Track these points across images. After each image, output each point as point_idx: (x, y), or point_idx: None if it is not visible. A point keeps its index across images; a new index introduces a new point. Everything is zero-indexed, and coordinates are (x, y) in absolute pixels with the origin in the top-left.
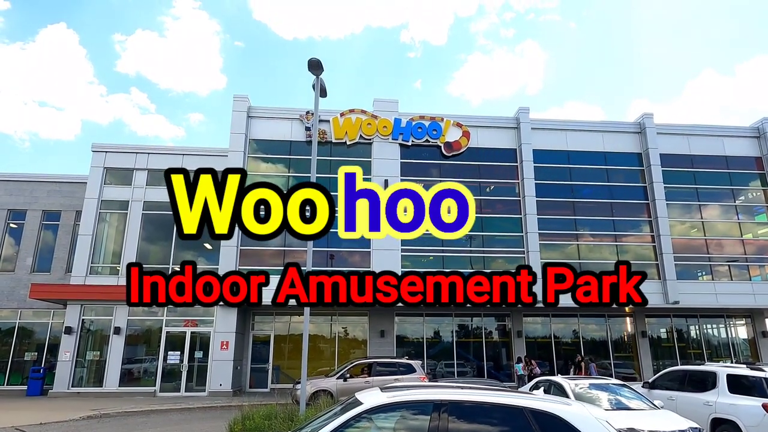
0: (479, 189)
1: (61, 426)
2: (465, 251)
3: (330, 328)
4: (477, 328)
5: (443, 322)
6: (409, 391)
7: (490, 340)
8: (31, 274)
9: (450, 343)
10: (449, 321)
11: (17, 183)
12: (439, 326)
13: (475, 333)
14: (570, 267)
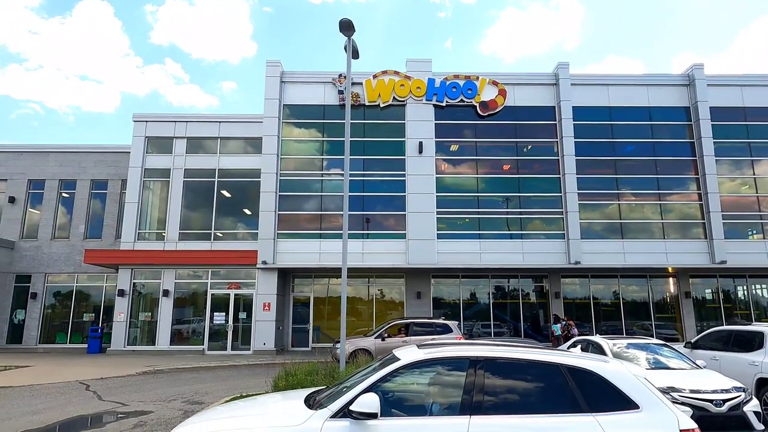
0: (516, 149)
1: (119, 380)
2: (501, 213)
3: (367, 291)
4: (514, 290)
5: (479, 283)
6: (445, 348)
7: (527, 302)
8: (84, 240)
9: (486, 304)
10: (485, 283)
11: (66, 154)
12: (476, 288)
13: (512, 294)
14: None
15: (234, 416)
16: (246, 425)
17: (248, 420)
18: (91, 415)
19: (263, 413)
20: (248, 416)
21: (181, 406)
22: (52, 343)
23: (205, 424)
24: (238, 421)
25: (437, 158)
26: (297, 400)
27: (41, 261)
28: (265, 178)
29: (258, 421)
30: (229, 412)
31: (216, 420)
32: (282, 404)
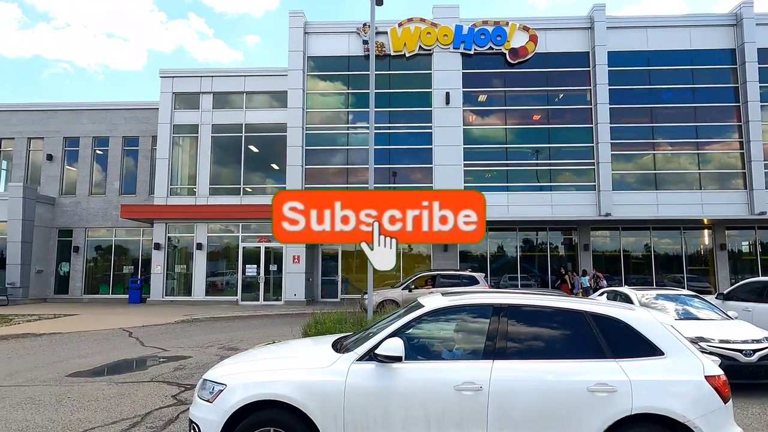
0: (547, 98)
1: (159, 328)
2: (530, 164)
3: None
4: (541, 243)
5: (507, 236)
6: (469, 295)
7: (555, 254)
8: (119, 196)
9: (513, 257)
10: (513, 236)
11: (98, 111)
12: (503, 241)
13: (540, 247)
14: None
15: (267, 357)
16: (278, 365)
17: (280, 361)
18: (134, 359)
19: (294, 355)
20: (280, 357)
21: (217, 351)
22: (96, 293)
23: (242, 364)
24: (271, 361)
25: (464, 109)
26: (325, 344)
27: (81, 216)
28: (291, 132)
29: (289, 362)
30: (262, 354)
31: (251, 361)
32: (311, 348)
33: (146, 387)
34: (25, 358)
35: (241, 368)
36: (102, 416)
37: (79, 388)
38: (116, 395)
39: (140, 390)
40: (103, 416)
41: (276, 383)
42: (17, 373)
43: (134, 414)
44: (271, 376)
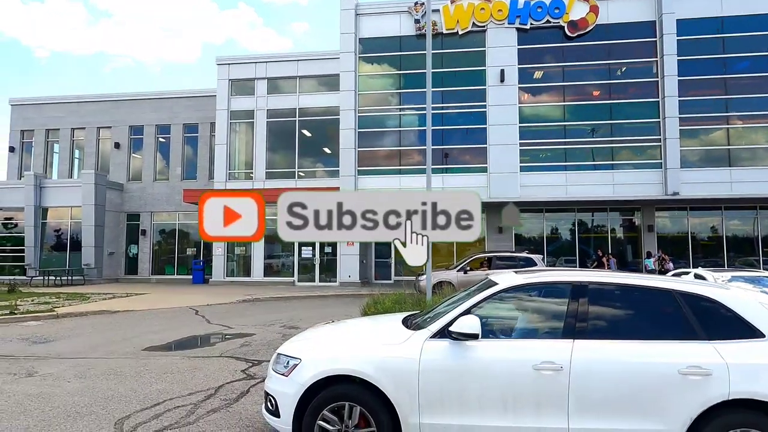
0: (608, 72)
1: (222, 307)
2: (590, 142)
3: None
4: (601, 224)
5: (564, 218)
6: (545, 273)
7: (615, 236)
8: (181, 181)
9: (571, 239)
10: (570, 217)
11: (159, 100)
12: (560, 222)
13: (599, 229)
14: None
15: (339, 333)
16: (351, 341)
17: (353, 337)
18: (202, 335)
19: (367, 332)
20: (352, 333)
21: (279, 329)
22: (162, 274)
23: (315, 340)
24: (344, 337)
25: (520, 87)
26: (396, 322)
27: (146, 201)
28: (343, 115)
29: (362, 338)
30: (333, 330)
31: (324, 336)
32: (382, 325)
33: (216, 362)
34: (104, 333)
35: (315, 343)
36: (178, 388)
37: (155, 362)
38: (189, 369)
39: (211, 364)
40: (179, 388)
41: (350, 358)
42: (99, 346)
43: (208, 386)
44: (346, 351)
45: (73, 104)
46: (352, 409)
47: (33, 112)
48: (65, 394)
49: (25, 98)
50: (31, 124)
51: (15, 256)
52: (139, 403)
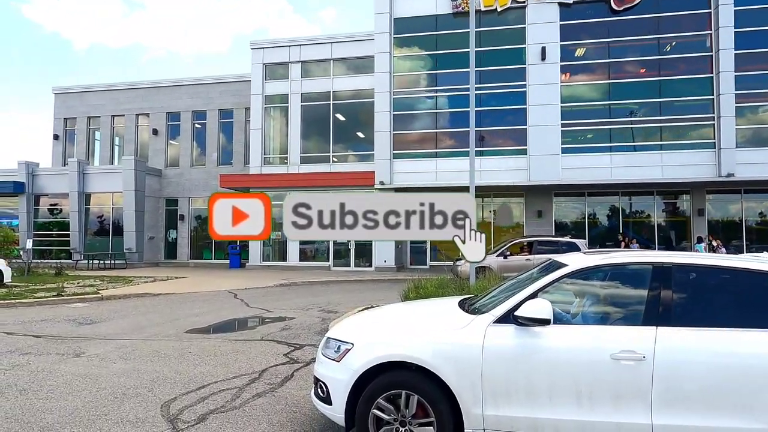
0: (657, 47)
1: (260, 291)
2: (636, 122)
3: (481, 212)
4: (647, 208)
5: (607, 201)
6: (620, 253)
7: (662, 220)
8: (217, 167)
9: (615, 223)
10: (614, 200)
11: (195, 86)
12: (603, 206)
13: (645, 212)
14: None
15: (392, 317)
16: (407, 325)
17: (408, 321)
18: (242, 318)
19: (422, 316)
20: (407, 317)
21: (318, 314)
22: (200, 258)
23: (368, 324)
24: (398, 321)
25: (562, 64)
26: (452, 305)
27: (184, 186)
28: (378, 97)
29: (418, 322)
30: (385, 313)
31: (376, 320)
32: (438, 308)
33: (258, 345)
34: (147, 315)
35: (368, 327)
36: (222, 371)
37: (197, 344)
38: (232, 352)
39: (253, 348)
40: (223, 371)
41: (407, 344)
42: (142, 328)
43: (251, 370)
44: (401, 336)
45: (113, 92)
46: (409, 397)
47: (75, 101)
48: (111, 375)
49: (67, 87)
50: (73, 112)
51: (61, 240)
52: (183, 386)
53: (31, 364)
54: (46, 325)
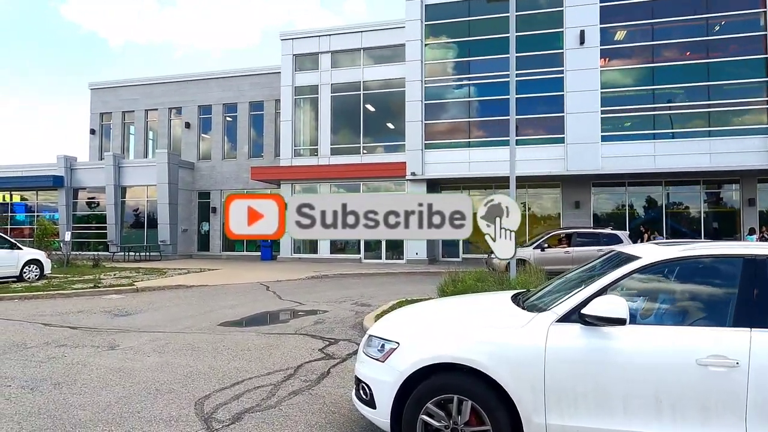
0: (705, 28)
1: (292, 283)
2: (682, 107)
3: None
4: (692, 198)
5: (650, 191)
6: (702, 244)
7: (709, 211)
8: (248, 159)
9: (657, 214)
10: (657, 190)
11: (226, 79)
12: (645, 196)
13: (689, 203)
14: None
15: (440, 313)
16: (457, 323)
17: (458, 318)
18: (275, 311)
19: (474, 312)
20: (456, 314)
21: (351, 307)
22: (232, 251)
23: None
24: (447, 318)
25: (602, 48)
26: (504, 301)
27: (216, 179)
28: (409, 86)
29: (470, 319)
30: (433, 308)
31: (421, 316)
32: (488, 305)
33: (292, 339)
34: (181, 307)
35: (415, 325)
36: (256, 366)
37: (231, 337)
38: (266, 346)
39: (287, 342)
40: (257, 366)
41: (459, 344)
42: (176, 320)
43: (286, 366)
44: (453, 335)
45: (146, 86)
46: (461, 403)
47: (110, 96)
48: (145, 369)
49: (103, 82)
50: (109, 107)
51: (98, 233)
52: (218, 382)
53: (67, 357)
54: (82, 316)
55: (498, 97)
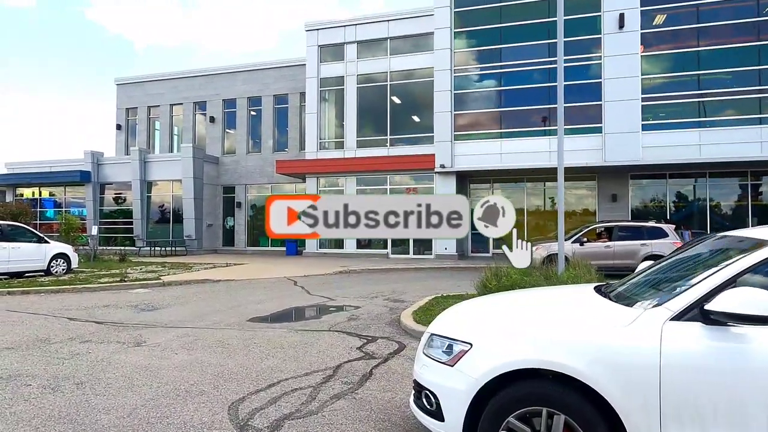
0: (756, 8)
1: (320, 278)
2: (732, 93)
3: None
4: (742, 189)
5: (693, 183)
6: None
7: (759, 203)
8: (273, 153)
9: (701, 206)
10: (701, 182)
11: (250, 72)
12: (687, 188)
13: (739, 195)
14: None
15: (518, 306)
16: (540, 320)
17: (540, 314)
18: (305, 306)
19: (562, 306)
20: (542, 308)
21: (384, 303)
22: (257, 246)
23: (485, 316)
24: (530, 312)
25: (643, 32)
26: (590, 294)
27: (240, 173)
28: (438, 76)
29: (556, 316)
30: (506, 301)
31: (497, 309)
32: (575, 298)
33: (326, 336)
34: (208, 302)
35: (489, 322)
36: (292, 366)
37: (262, 334)
38: (300, 344)
39: (321, 339)
40: (293, 366)
41: (548, 345)
42: (204, 315)
43: (324, 366)
44: (540, 334)
45: (171, 81)
46: (552, 417)
47: (136, 90)
48: (173, 368)
49: (128, 77)
50: (134, 102)
51: (125, 228)
52: (252, 383)
53: (91, 353)
54: (108, 311)
55: (531, 85)
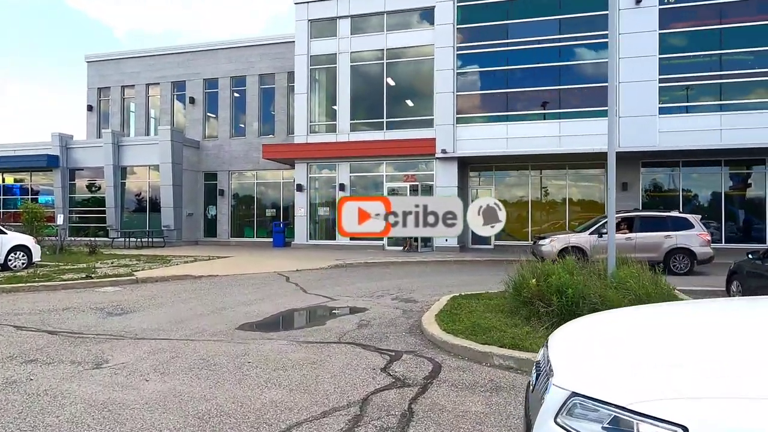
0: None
1: (314, 273)
2: (754, 74)
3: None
4: (757, 178)
5: (708, 171)
6: None
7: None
8: (258, 137)
9: (717, 196)
10: (716, 170)
11: (234, 50)
12: (702, 176)
13: (755, 185)
14: None
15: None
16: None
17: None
18: (303, 308)
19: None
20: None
21: (393, 303)
22: (241, 236)
23: (690, 372)
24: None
25: (661, 8)
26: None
27: (224, 159)
28: (439, 53)
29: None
30: (699, 330)
31: (704, 350)
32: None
33: (338, 351)
34: (188, 303)
35: (713, 384)
36: (302, 400)
37: (256, 348)
38: (306, 363)
39: (332, 356)
40: (303, 400)
41: None
42: (184, 321)
43: (345, 400)
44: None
45: (147, 58)
46: None
47: (109, 69)
48: (141, 406)
49: (101, 54)
50: (107, 82)
51: (98, 217)
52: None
53: (32, 382)
54: (67, 315)
55: (540, 64)
